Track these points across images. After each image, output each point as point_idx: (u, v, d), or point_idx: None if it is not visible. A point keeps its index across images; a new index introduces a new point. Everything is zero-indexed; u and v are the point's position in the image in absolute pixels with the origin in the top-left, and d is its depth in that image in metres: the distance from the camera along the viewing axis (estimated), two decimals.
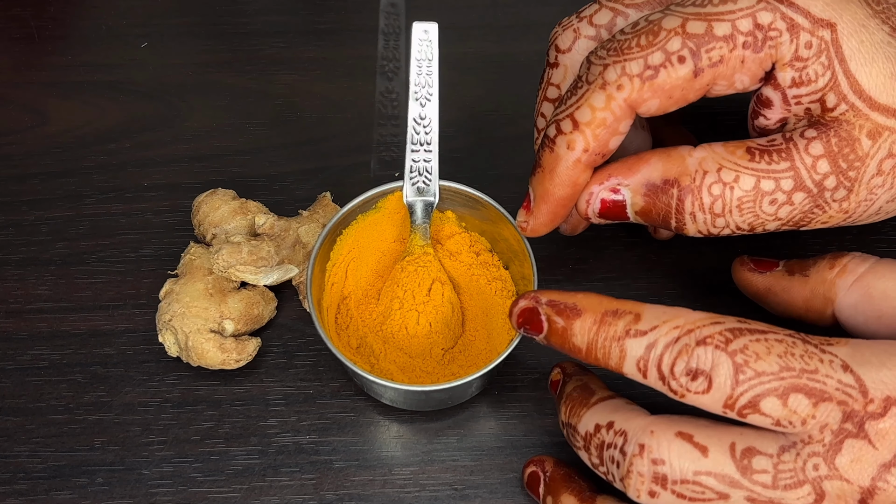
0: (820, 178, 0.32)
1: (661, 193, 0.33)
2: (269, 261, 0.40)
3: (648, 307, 0.30)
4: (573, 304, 0.31)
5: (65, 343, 0.40)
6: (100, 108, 0.48)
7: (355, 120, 0.48)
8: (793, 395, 0.27)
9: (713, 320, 0.29)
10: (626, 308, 0.30)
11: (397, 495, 0.36)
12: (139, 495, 0.36)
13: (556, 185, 0.34)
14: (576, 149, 0.33)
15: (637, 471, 0.29)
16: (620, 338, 0.30)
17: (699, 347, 0.28)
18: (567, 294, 0.32)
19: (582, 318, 0.31)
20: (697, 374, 0.28)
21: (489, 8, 0.52)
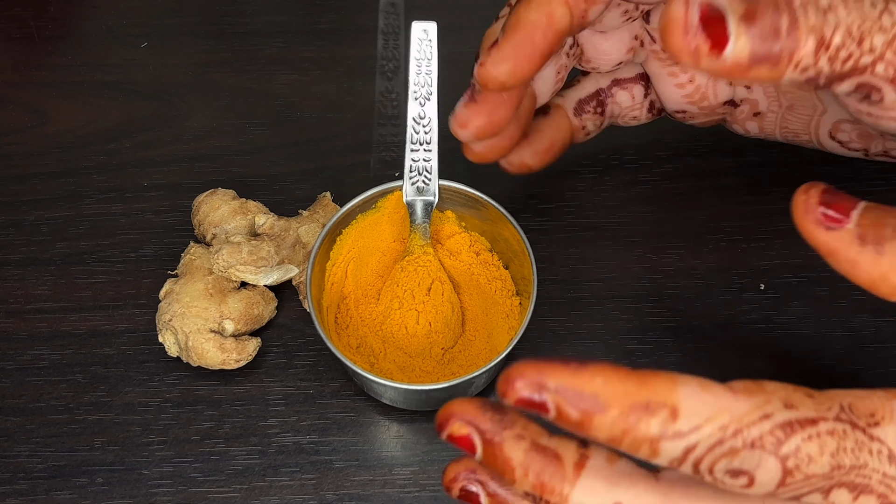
0: None
1: None
2: (269, 261, 0.40)
3: (685, 394, 0.25)
4: (594, 396, 0.25)
5: (65, 343, 0.40)
6: (100, 108, 0.48)
7: (355, 120, 0.48)
8: (836, 490, 0.26)
9: (762, 413, 0.25)
10: (659, 399, 0.25)
11: (397, 495, 0.36)
12: (139, 495, 0.36)
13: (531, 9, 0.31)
14: None
15: None
16: (654, 440, 0.25)
17: (747, 451, 0.25)
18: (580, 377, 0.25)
19: (605, 415, 0.25)
20: (739, 474, 0.25)
21: (489, 8, 0.52)
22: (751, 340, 0.40)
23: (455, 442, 0.27)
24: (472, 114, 0.33)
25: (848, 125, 0.39)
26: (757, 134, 0.42)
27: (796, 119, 0.40)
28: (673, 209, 0.44)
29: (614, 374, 0.25)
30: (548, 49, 0.31)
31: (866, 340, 0.40)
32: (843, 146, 0.39)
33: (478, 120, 0.33)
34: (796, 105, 0.40)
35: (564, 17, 0.32)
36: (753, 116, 0.41)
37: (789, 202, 0.44)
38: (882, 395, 0.27)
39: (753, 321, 0.40)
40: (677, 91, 0.40)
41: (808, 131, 0.40)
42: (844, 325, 0.40)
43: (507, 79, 0.31)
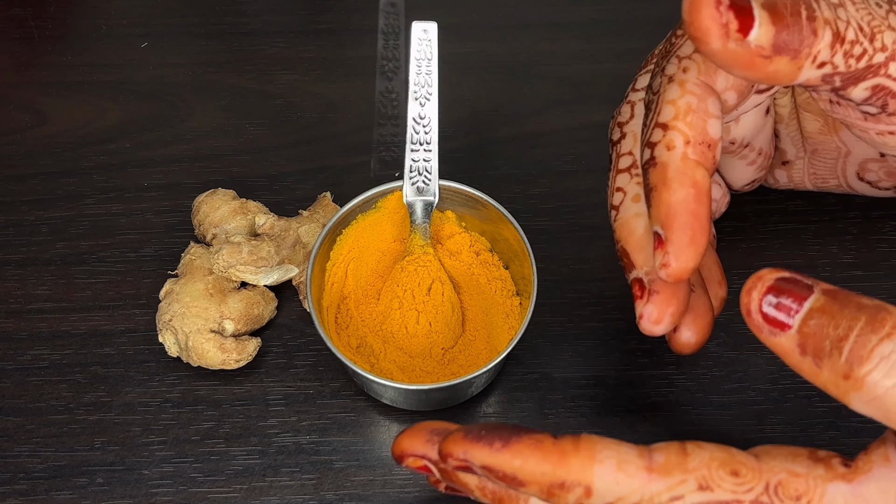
0: None
1: None
2: (269, 261, 0.40)
3: (600, 473, 0.27)
4: (513, 475, 0.27)
5: (65, 343, 0.40)
6: (100, 108, 0.48)
7: (355, 120, 0.48)
8: None
9: (672, 495, 0.27)
10: (574, 478, 0.27)
11: (397, 495, 0.36)
12: (139, 495, 0.36)
13: (675, 189, 0.29)
14: (677, 145, 0.30)
15: None
16: None
17: None
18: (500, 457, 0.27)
19: (527, 489, 0.28)
20: None
21: (489, 8, 0.52)
22: (751, 340, 0.40)
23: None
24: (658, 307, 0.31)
25: (874, 164, 0.39)
26: (787, 183, 0.42)
27: (822, 164, 0.40)
28: None
29: (532, 454, 0.27)
30: (709, 213, 0.30)
31: None
32: (874, 186, 0.39)
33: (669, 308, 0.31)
34: (819, 150, 0.40)
35: (705, 176, 0.30)
36: (782, 165, 0.41)
37: (789, 202, 0.44)
38: (822, 475, 0.27)
39: None
40: (750, 168, 0.39)
41: (835, 175, 0.40)
42: None
43: (695, 263, 0.30)
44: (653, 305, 0.31)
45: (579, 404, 0.38)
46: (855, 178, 0.40)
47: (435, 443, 0.29)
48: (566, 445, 0.27)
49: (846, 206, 0.43)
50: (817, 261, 0.42)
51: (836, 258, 0.42)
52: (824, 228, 0.43)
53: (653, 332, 0.31)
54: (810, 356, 0.27)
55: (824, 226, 0.43)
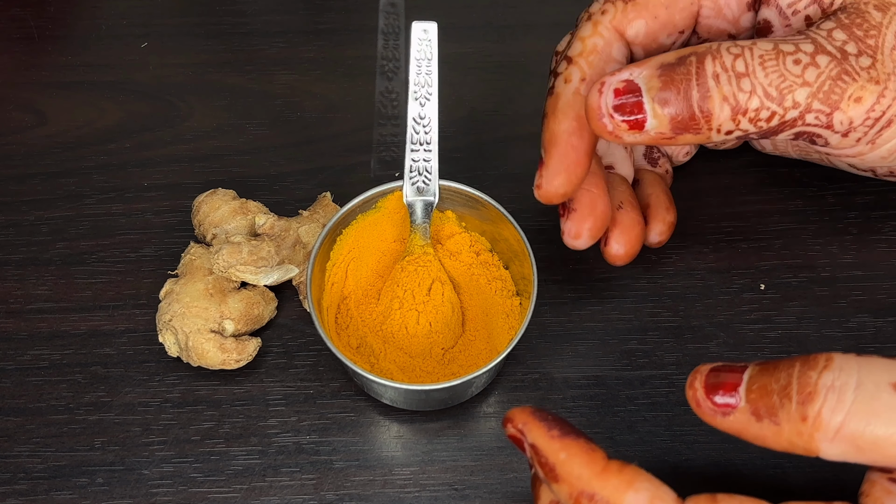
0: (839, 43, 0.30)
1: (678, 66, 0.30)
2: (269, 261, 0.40)
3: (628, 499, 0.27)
4: (552, 466, 0.28)
5: (65, 343, 0.40)
6: (100, 108, 0.48)
7: (355, 120, 0.48)
8: None
9: None
10: (605, 495, 0.27)
11: (397, 495, 0.36)
12: (139, 495, 0.36)
13: (560, 119, 0.32)
14: (572, 79, 0.32)
15: None
16: None
17: None
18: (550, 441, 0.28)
19: (559, 486, 0.28)
20: None
21: (489, 8, 0.52)
22: (751, 340, 0.40)
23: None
24: (576, 223, 0.34)
25: None
26: (772, 151, 0.43)
27: None
28: None
29: (579, 456, 0.28)
30: (588, 148, 0.32)
31: (866, 340, 0.40)
32: (851, 165, 0.40)
33: (585, 223, 0.34)
34: None
35: None
36: None
37: (789, 202, 0.44)
38: None
39: (753, 321, 0.40)
40: None
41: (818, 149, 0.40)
42: (844, 325, 0.40)
43: (565, 190, 0.33)
44: (571, 222, 0.35)
45: (579, 404, 0.38)
46: None
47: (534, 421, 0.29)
48: (613, 465, 0.28)
49: (846, 206, 0.43)
50: (817, 261, 0.42)
51: (836, 258, 0.42)
52: (824, 228, 0.43)
53: (574, 245, 0.35)
54: (766, 418, 0.27)
55: (824, 226, 0.43)
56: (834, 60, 0.30)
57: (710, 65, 0.30)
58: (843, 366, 0.27)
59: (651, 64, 0.30)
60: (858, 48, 0.30)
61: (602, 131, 0.30)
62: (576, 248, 0.35)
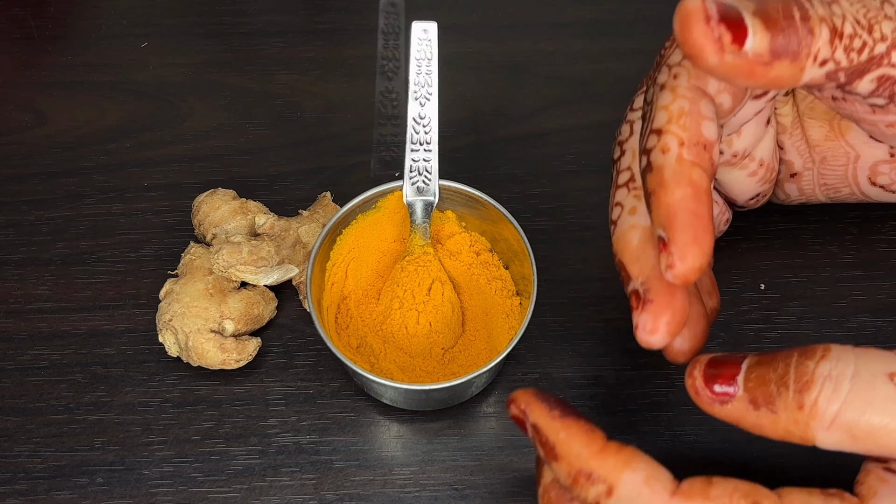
0: None
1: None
2: (269, 261, 0.40)
3: (626, 480, 0.28)
4: (552, 445, 0.29)
5: (65, 343, 0.40)
6: (100, 108, 0.48)
7: (355, 120, 0.48)
8: None
9: None
10: (602, 474, 0.28)
11: (397, 495, 0.36)
12: (139, 495, 0.36)
13: (672, 190, 0.29)
14: (671, 148, 0.29)
15: None
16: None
17: None
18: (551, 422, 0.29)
19: (558, 464, 0.29)
20: None
21: (489, 8, 0.52)
22: (751, 340, 0.40)
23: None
24: (653, 315, 0.30)
25: (885, 165, 0.38)
26: (798, 197, 0.41)
27: (832, 172, 0.39)
28: None
29: (578, 436, 0.28)
30: (710, 212, 0.30)
31: (866, 340, 0.40)
32: (887, 190, 0.39)
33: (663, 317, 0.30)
34: (828, 157, 0.39)
35: (703, 176, 0.30)
36: (790, 178, 0.40)
37: None
38: None
39: (753, 321, 0.40)
40: (752, 180, 0.39)
41: (846, 183, 0.39)
42: (844, 325, 0.40)
43: (701, 263, 0.29)
44: (647, 314, 0.30)
45: (579, 404, 0.38)
46: (867, 183, 0.39)
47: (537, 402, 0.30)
48: (611, 445, 0.28)
49: (846, 205, 0.43)
50: (817, 261, 0.42)
51: (836, 258, 0.42)
52: (824, 228, 0.43)
53: (649, 342, 0.30)
54: (764, 406, 0.28)
55: (824, 226, 0.43)
56: None
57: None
58: (840, 356, 0.27)
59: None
60: None
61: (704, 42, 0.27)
62: (650, 347, 0.31)
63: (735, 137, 0.36)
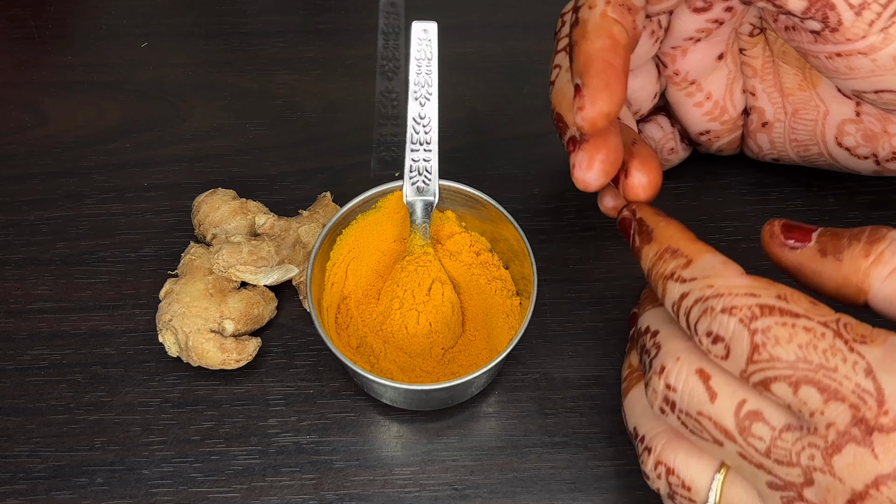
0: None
1: None
2: (269, 261, 0.40)
3: (705, 256, 0.30)
4: (651, 230, 0.32)
5: (65, 343, 0.40)
6: (100, 108, 0.48)
7: (355, 120, 0.48)
8: (804, 386, 0.27)
9: (750, 291, 0.29)
10: (685, 250, 0.31)
11: (397, 495, 0.36)
12: (139, 495, 0.36)
13: (593, 40, 0.32)
14: (597, 5, 0.32)
15: (653, 387, 0.30)
16: (666, 277, 0.30)
17: (723, 315, 0.28)
18: (655, 217, 0.32)
19: (649, 246, 0.32)
20: (717, 339, 0.28)
21: (489, 8, 0.52)
22: None
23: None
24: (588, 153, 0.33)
25: (851, 125, 0.39)
26: (770, 151, 0.42)
27: (802, 127, 0.40)
28: (673, 209, 0.44)
29: (677, 228, 0.32)
30: (626, 66, 0.32)
31: None
32: (852, 153, 0.40)
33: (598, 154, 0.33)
34: (800, 109, 0.40)
35: (622, 33, 0.32)
36: (762, 127, 0.41)
37: (789, 202, 0.44)
38: (890, 333, 0.28)
39: None
40: (697, 111, 0.41)
41: (815, 140, 0.40)
42: None
43: (610, 109, 0.31)
44: (582, 153, 0.33)
45: (579, 404, 0.38)
46: (834, 143, 0.40)
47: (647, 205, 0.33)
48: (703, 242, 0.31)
49: (846, 206, 0.43)
50: None
51: None
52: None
53: (585, 180, 0.33)
54: (831, 255, 0.31)
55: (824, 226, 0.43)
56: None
57: None
58: None
59: None
60: None
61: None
62: (586, 187, 0.33)
63: (679, 55, 0.38)
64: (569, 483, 0.37)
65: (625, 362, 0.36)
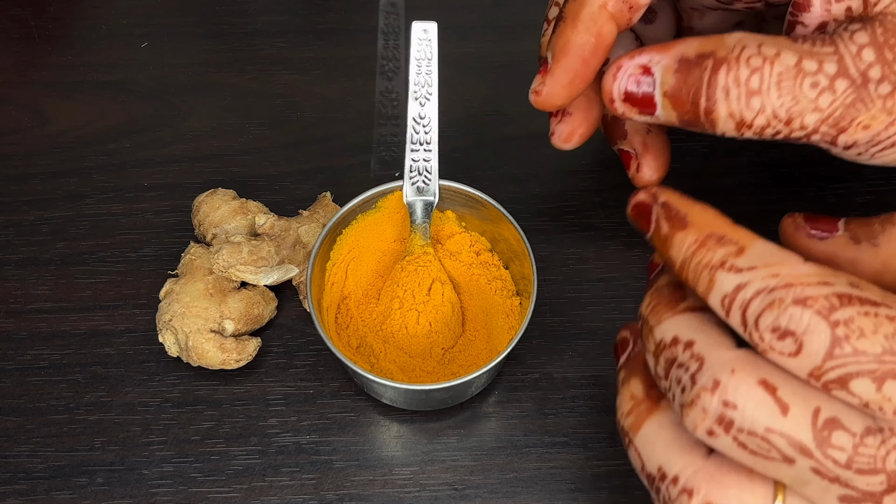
0: (865, 66, 0.29)
1: (694, 67, 0.30)
2: (269, 261, 0.40)
3: (758, 244, 0.27)
4: (683, 215, 0.28)
5: (65, 343, 0.40)
6: (100, 108, 0.48)
7: (355, 119, 0.48)
8: (890, 381, 0.25)
9: (822, 279, 0.25)
10: (734, 236, 0.27)
11: (397, 495, 0.36)
12: (139, 495, 0.36)
13: (579, 31, 0.31)
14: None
15: (703, 406, 0.26)
16: (714, 267, 0.27)
17: (796, 307, 0.25)
18: (685, 201, 0.29)
19: (685, 232, 0.28)
20: (786, 335, 0.25)
21: (489, 8, 0.52)
22: None
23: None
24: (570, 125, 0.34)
25: None
26: None
27: None
28: None
29: (712, 211, 0.28)
30: (598, 65, 0.32)
31: None
32: None
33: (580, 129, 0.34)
34: None
35: (613, 31, 0.32)
36: None
37: (789, 202, 0.44)
38: None
39: None
40: None
41: None
42: None
43: (562, 102, 0.32)
44: (564, 125, 0.34)
45: (579, 404, 0.38)
46: None
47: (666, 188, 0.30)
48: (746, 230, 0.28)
49: (846, 206, 0.43)
50: None
51: None
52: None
53: (562, 147, 0.35)
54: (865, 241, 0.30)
55: None
56: (853, 86, 0.29)
57: (724, 77, 0.29)
58: None
59: (672, 54, 0.30)
60: (883, 72, 0.29)
61: (612, 109, 0.31)
62: (562, 149, 0.35)
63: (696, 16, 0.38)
64: (569, 483, 0.37)
65: (621, 395, 0.30)
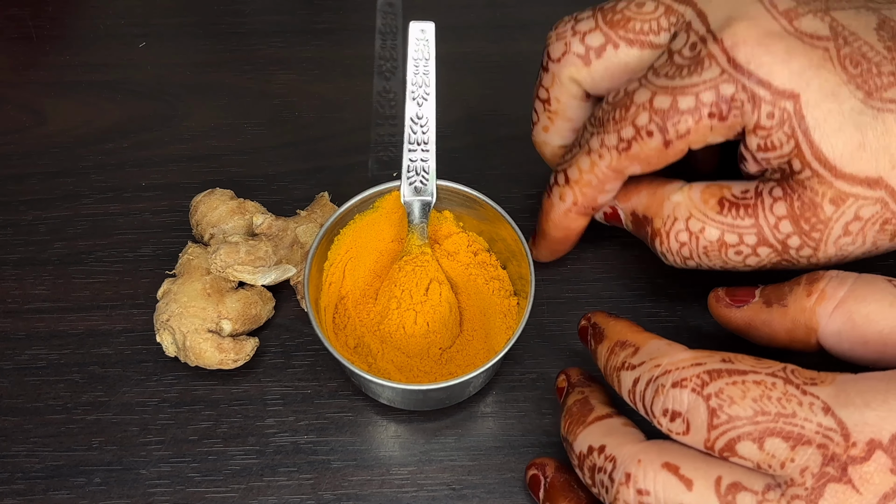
0: (783, 237, 0.33)
1: (641, 226, 0.36)
2: (266, 261, 0.40)
3: (650, 342, 0.31)
4: (602, 329, 0.34)
5: (62, 343, 0.40)
6: (98, 108, 0.48)
7: (353, 120, 0.48)
8: (769, 439, 0.27)
9: (695, 361, 0.29)
10: (632, 340, 0.32)
11: (395, 495, 0.36)
12: (137, 495, 0.36)
13: (551, 227, 0.38)
14: (566, 201, 0.37)
15: (623, 499, 0.29)
16: (618, 369, 0.31)
17: (674, 389, 0.29)
18: (607, 318, 0.34)
19: (602, 344, 0.33)
20: (675, 416, 0.29)
21: (487, 8, 0.52)
22: None
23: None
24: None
25: None
26: None
27: None
28: None
29: (624, 323, 0.33)
30: (572, 246, 0.40)
31: None
32: None
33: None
34: None
35: (582, 223, 0.38)
36: None
37: None
38: (836, 374, 0.29)
39: None
40: None
41: None
42: None
43: (549, 260, 0.41)
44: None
45: None
46: None
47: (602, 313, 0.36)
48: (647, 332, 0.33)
49: None
50: None
51: None
52: None
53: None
54: (776, 303, 0.33)
55: None
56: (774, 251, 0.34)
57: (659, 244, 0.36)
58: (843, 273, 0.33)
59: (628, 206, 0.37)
60: (801, 241, 0.33)
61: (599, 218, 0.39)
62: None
63: None
64: None
65: None
